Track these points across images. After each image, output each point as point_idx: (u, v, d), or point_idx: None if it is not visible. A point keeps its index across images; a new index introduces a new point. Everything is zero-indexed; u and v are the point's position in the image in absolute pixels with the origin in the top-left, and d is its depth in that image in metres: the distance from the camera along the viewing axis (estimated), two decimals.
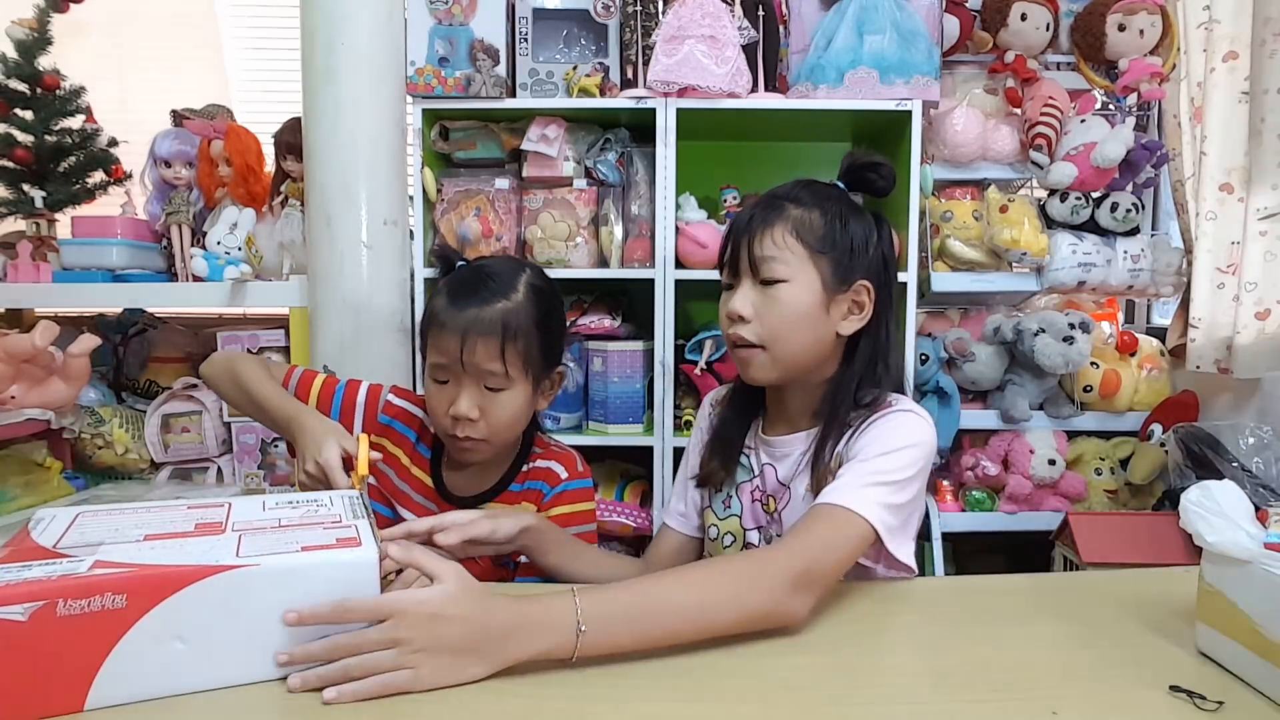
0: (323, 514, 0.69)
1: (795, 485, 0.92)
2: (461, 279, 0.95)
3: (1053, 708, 0.56)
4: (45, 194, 1.73)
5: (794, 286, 0.87)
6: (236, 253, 1.66)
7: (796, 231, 0.88)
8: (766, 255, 0.88)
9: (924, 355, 1.74)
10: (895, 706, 0.57)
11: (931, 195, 1.77)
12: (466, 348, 0.89)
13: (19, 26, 1.71)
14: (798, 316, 0.87)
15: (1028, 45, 1.76)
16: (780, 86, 1.72)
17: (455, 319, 0.90)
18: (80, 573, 0.54)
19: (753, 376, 0.92)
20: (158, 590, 0.55)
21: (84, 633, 0.53)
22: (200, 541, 0.61)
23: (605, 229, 1.72)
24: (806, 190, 0.92)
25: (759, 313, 0.88)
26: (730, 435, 0.99)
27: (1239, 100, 1.64)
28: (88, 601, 0.53)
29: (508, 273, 0.95)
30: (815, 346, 0.90)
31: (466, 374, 0.90)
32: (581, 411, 1.76)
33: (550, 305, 0.97)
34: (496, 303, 0.91)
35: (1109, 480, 1.80)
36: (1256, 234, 1.60)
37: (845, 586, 0.85)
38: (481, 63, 1.62)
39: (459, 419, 0.91)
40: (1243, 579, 0.60)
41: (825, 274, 0.88)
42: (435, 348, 0.92)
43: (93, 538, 0.61)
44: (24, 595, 0.52)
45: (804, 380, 0.92)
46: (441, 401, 0.92)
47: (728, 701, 0.59)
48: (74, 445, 1.69)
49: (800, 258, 0.87)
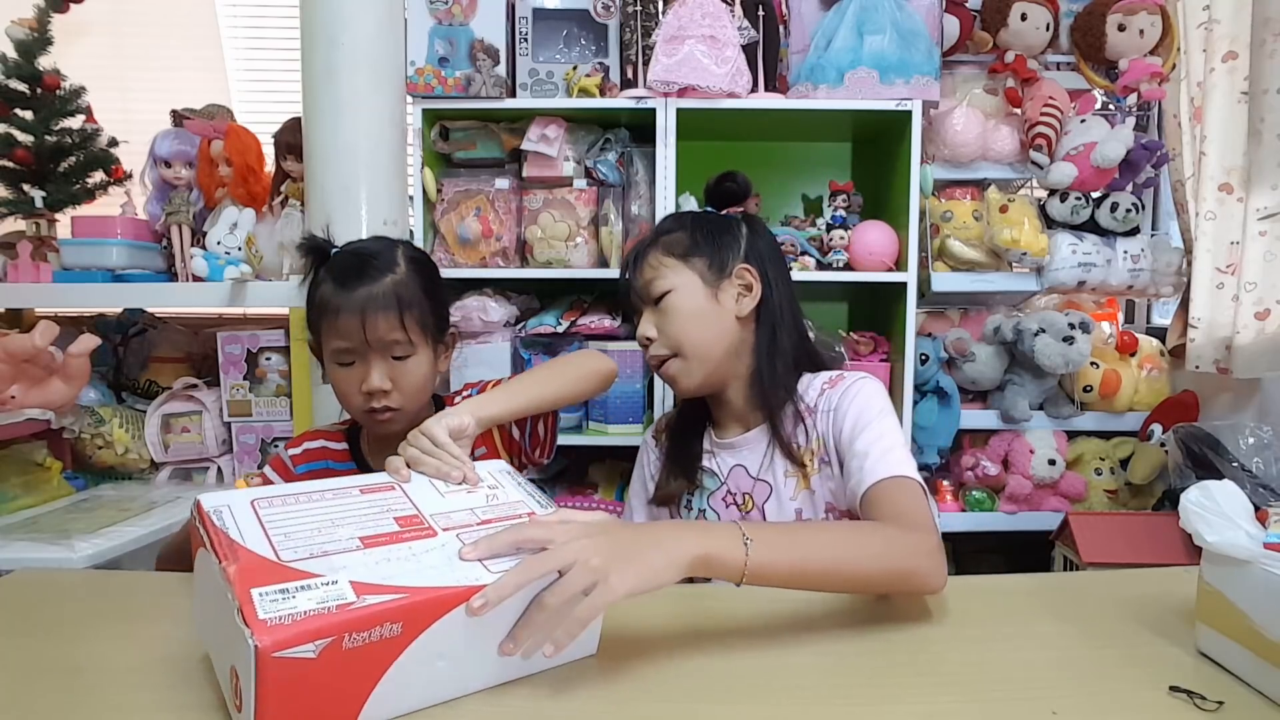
0: (504, 499, 0.72)
1: (773, 475, 0.97)
2: (344, 264, 0.97)
3: (1053, 708, 0.56)
4: (45, 194, 1.73)
5: (678, 293, 0.96)
6: (236, 253, 1.66)
7: (666, 249, 0.99)
8: (646, 279, 0.98)
9: (924, 355, 1.74)
10: (895, 706, 0.57)
11: (931, 195, 1.77)
12: (369, 324, 0.92)
13: (19, 26, 1.71)
14: (690, 314, 0.96)
15: (1028, 45, 1.76)
16: (780, 86, 1.72)
17: (350, 300, 0.93)
18: (352, 601, 0.52)
19: (683, 388, 0.99)
20: (430, 616, 0.55)
21: (362, 661, 0.53)
22: (427, 547, 0.61)
23: (605, 229, 1.72)
24: (669, 219, 1.04)
25: (661, 329, 0.97)
26: (686, 452, 1.04)
27: (1238, 100, 1.64)
28: (369, 633, 0.52)
29: (385, 250, 0.99)
30: (722, 336, 0.97)
31: (372, 350, 0.94)
32: (581, 411, 1.76)
33: (432, 272, 1.03)
34: (384, 278, 0.95)
35: (1109, 480, 1.80)
36: (1256, 234, 1.59)
37: None
38: (481, 63, 1.62)
39: (373, 393, 0.94)
40: (1243, 579, 0.60)
41: (701, 271, 0.97)
42: (335, 334, 0.95)
43: (307, 542, 0.59)
44: (314, 633, 0.50)
45: (731, 376, 0.99)
46: (352, 383, 0.95)
47: (728, 701, 0.59)
48: (74, 445, 1.69)
49: (674, 268, 0.97)
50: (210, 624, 0.58)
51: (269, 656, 0.48)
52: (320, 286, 0.97)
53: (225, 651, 0.54)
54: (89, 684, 0.62)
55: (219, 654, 0.57)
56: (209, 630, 0.59)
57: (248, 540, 0.58)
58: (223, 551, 0.56)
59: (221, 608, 0.53)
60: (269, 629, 0.49)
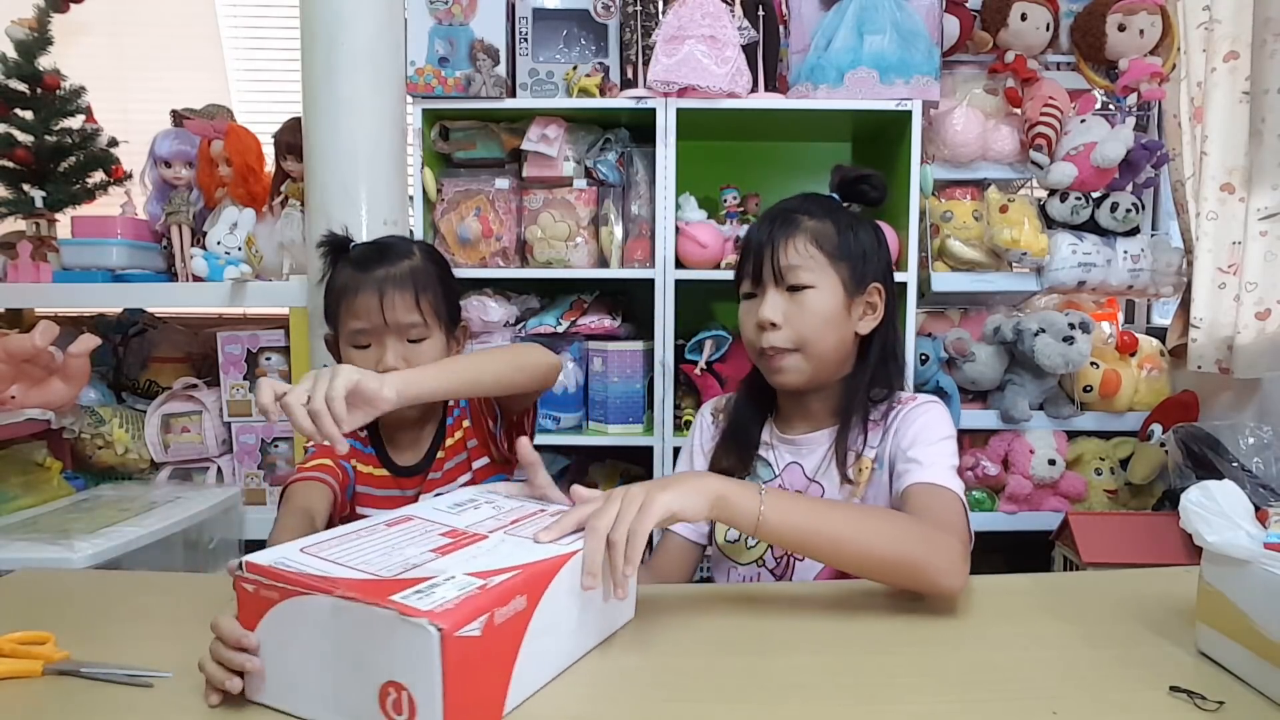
0: (509, 506, 0.74)
1: (826, 480, 0.96)
2: (362, 252, 1.02)
3: (1053, 708, 0.56)
4: (45, 194, 1.73)
5: (820, 292, 0.93)
6: (236, 253, 1.66)
7: (816, 241, 0.93)
8: (792, 264, 0.93)
9: (924, 355, 1.74)
10: (896, 706, 0.57)
11: (931, 195, 1.77)
12: (386, 303, 0.96)
13: (19, 26, 1.71)
14: (825, 319, 0.93)
15: (1028, 45, 1.76)
16: (780, 86, 1.72)
17: (368, 281, 0.97)
18: (484, 583, 0.54)
19: (785, 381, 0.96)
20: (542, 584, 0.58)
21: (505, 638, 0.54)
22: (492, 544, 0.63)
23: (605, 229, 1.72)
24: (815, 204, 0.97)
25: (789, 318, 0.93)
26: (745, 436, 1.02)
27: (1239, 100, 1.64)
28: (507, 607, 0.54)
29: (400, 242, 1.05)
30: (840, 347, 0.95)
31: (389, 330, 0.97)
32: (581, 411, 1.76)
33: (444, 264, 1.08)
34: (402, 262, 0.99)
35: (1109, 480, 1.80)
36: (1257, 234, 1.59)
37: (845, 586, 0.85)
38: (481, 63, 1.62)
39: (388, 371, 0.90)
40: (1243, 579, 0.59)
41: (844, 278, 0.94)
42: (352, 314, 0.98)
43: (389, 563, 0.57)
44: (475, 611, 0.51)
45: (826, 383, 0.97)
46: (368, 365, 0.94)
47: (727, 701, 0.59)
48: (74, 445, 1.69)
49: (822, 265, 0.93)
50: (311, 672, 0.54)
51: (452, 637, 0.48)
52: (339, 273, 1.01)
53: (359, 680, 0.51)
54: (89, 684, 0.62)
55: (339, 694, 0.53)
56: (307, 680, 0.54)
57: (338, 573, 0.55)
58: (324, 586, 0.52)
59: (344, 637, 0.51)
60: (440, 614, 0.49)
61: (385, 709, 0.50)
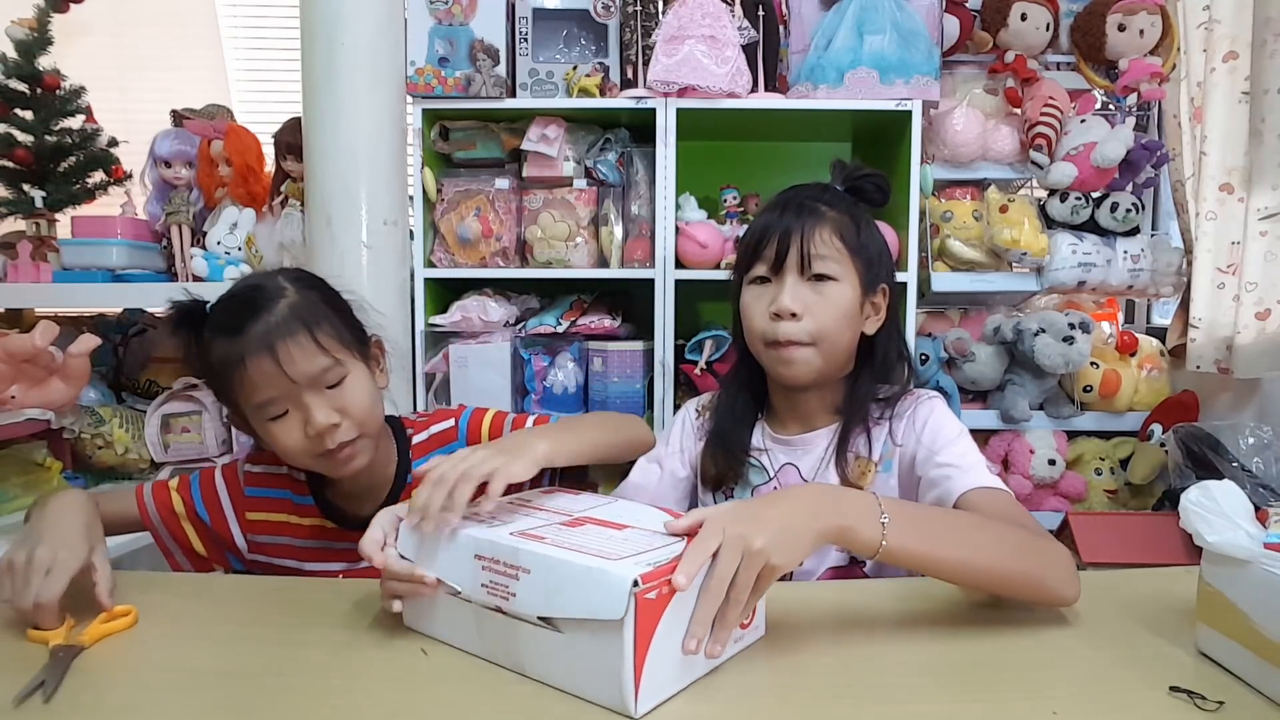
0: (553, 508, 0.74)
1: (826, 480, 0.93)
2: (224, 312, 0.85)
3: (1053, 708, 0.56)
4: (45, 194, 1.73)
5: (843, 285, 0.89)
6: (236, 253, 1.66)
7: (840, 234, 0.90)
8: (819, 253, 0.88)
9: (924, 355, 1.74)
10: (895, 706, 0.57)
11: (931, 195, 1.77)
12: (283, 359, 0.80)
13: (19, 26, 1.71)
14: (844, 313, 0.90)
15: (1028, 45, 1.76)
16: (780, 86, 1.72)
17: (250, 344, 0.80)
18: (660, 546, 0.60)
19: (794, 374, 0.91)
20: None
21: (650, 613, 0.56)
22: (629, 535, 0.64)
23: (605, 229, 1.72)
24: (833, 195, 0.94)
25: (810, 309, 0.88)
26: (734, 438, 0.98)
27: (1239, 100, 1.64)
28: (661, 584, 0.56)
29: (262, 280, 0.87)
30: (850, 345, 0.93)
31: (301, 387, 0.82)
32: (581, 411, 1.76)
33: (323, 284, 0.91)
34: (277, 305, 0.83)
35: (1109, 480, 1.80)
36: (1257, 234, 1.59)
37: (845, 586, 0.85)
38: (481, 63, 1.62)
39: (322, 433, 0.82)
40: (1243, 579, 0.59)
41: (861, 274, 0.91)
42: (250, 389, 0.82)
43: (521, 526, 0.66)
44: (669, 568, 0.56)
45: (831, 377, 0.94)
46: (293, 433, 0.83)
47: (727, 701, 0.59)
48: (74, 445, 1.68)
49: (845, 258, 0.90)
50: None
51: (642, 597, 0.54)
52: (210, 347, 0.84)
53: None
54: (89, 683, 0.62)
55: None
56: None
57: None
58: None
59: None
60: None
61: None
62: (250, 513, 0.96)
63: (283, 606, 0.77)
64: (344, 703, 0.58)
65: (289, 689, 0.60)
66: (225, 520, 0.95)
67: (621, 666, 0.54)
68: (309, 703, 0.58)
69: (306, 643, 0.69)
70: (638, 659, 0.54)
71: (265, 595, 0.81)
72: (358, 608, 0.75)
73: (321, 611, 0.75)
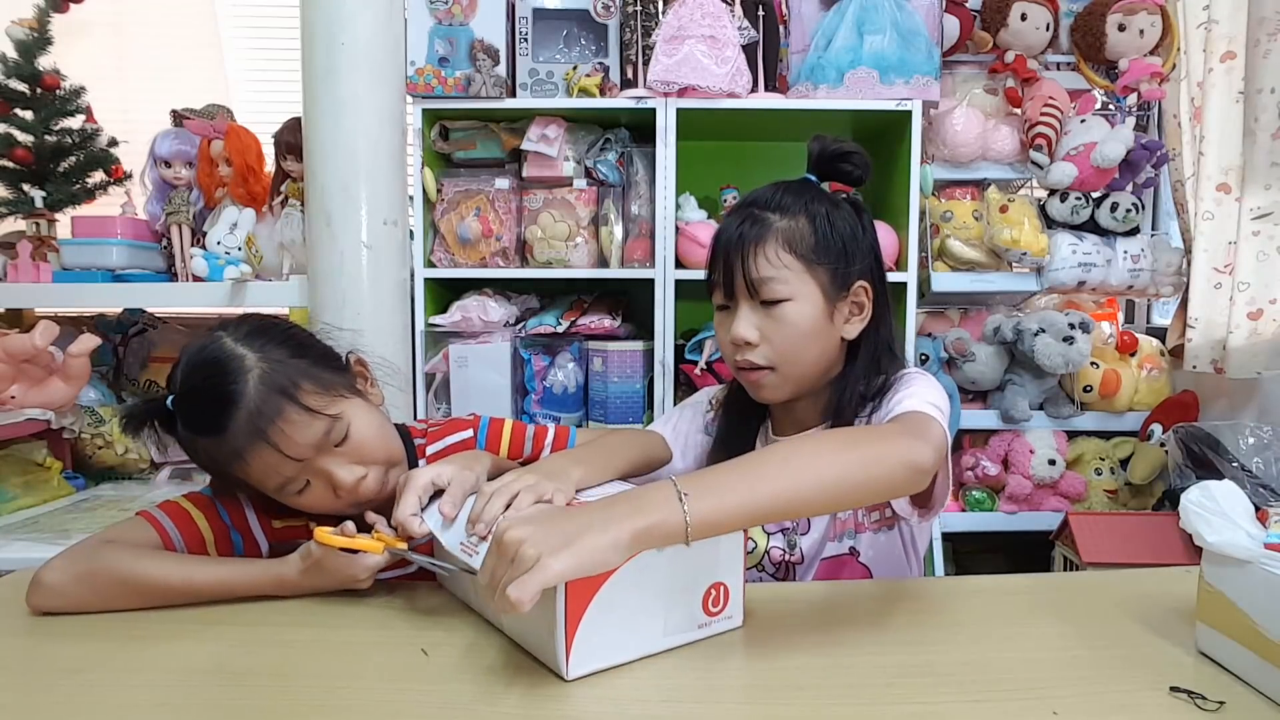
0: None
1: None
2: (196, 413, 0.77)
3: (1053, 708, 0.56)
4: (45, 194, 1.73)
5: (797, 304, 0.85)
6: (236, 253, 1.66)
7: (789, 245, 0.85)
8: (764, 276, 0.85)
9: (924, 355, 1.74)
10: (895, 706, 0.57)
11: (931, 195, 1.77)
12: (284, 445, 0.75)
13: (19, 26, 1.71)
14: (804, 334, 0.86)
15: (1028, 45, 1.76)
16: (780, 86, 1.72)
17: (241, 439, 0.75)
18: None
19: (765, 397, 0.91)
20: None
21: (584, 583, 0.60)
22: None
23: (605, 229, 1.72)
24: (786, 195, 0.88)
25: (765, 335, 0.86)
26: (736, 444, 0.98)
27: (1236, 100, 1.64)
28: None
29: (215, 354, 0.77)
30: (823, 358, 0.89)
31: (314, 456, 0.78)
32: (581, 411, 1.76)
33: (274, 331, 0.82)
34: (246, 387, 0.75)
35: (1109, 480, 1.80)
36: (1250, 234, 1.60)
37: (845, 586, 0.85)
38: (481, 63, 1.62)
39: (352, 490, 0.79)
40: (1243, 579, 0.59)
41: (824, 284, 0.86)
42: (261, 476, 0.78)
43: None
44: None
45: (812, 390, 0.92)
46: (324, 498, 0.80)
47: (727, 702, 0.59)
48: (74, 445, 1.69)
49: (798, 273, 0.85)
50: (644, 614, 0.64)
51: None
52: (195, 445, 0.78)
53: (688, 595, 0.66)
54: (89, 684, 0.62)
55: (669, 617, 0.65)
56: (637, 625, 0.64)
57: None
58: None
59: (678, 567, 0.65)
60: None
61: (707, 607, 0.67)
62: (276, 521, 0.90)
63: (283, 607, 0.77)
64: (344, 703, 0.58)
65: (289, 689, 0.60)
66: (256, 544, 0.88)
67: (555, 629, 0.59)
68: (309, 703, 0.58)
69: (306, 643, 0.69)
70: (569, 625, 0.59)
71: (265, 595, 0.81)
72: (358, 608, 0.76)
73: (322, 612, 0.75)
